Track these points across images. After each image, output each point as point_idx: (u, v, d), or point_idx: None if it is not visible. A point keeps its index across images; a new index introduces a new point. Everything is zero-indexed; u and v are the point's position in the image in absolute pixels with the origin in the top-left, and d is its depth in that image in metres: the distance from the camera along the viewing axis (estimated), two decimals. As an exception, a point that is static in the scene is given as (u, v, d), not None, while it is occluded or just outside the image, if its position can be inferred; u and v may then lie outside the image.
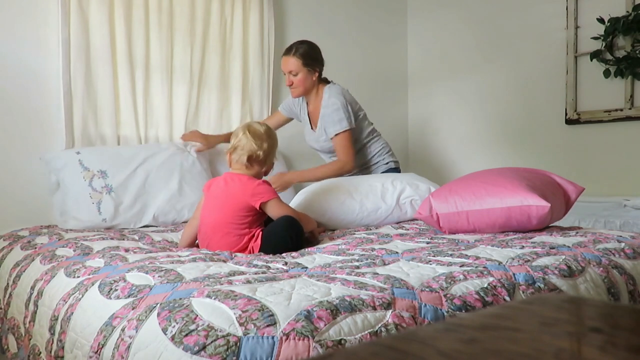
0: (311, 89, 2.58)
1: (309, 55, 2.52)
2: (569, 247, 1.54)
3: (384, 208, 2.22)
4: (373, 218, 2.21)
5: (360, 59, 3.63)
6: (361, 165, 2.65)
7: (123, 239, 1.87)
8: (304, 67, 2.50)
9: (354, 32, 3.61)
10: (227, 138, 2.59)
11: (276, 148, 1.89)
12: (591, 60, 2.98)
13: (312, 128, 2.69)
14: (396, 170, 2.68)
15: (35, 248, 1.80)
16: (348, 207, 2.17)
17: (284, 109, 2.80)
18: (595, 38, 2.96)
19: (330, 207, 2.16)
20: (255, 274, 1.27)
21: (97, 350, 1.03)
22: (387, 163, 2.67)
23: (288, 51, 2.53)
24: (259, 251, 1.71)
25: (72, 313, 1.20)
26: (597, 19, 2.93)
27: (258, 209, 1.74)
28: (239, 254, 1.63)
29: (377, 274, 1.23)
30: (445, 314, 1.07)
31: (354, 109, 2.57)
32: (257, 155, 1.78)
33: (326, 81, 2.63)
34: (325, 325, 0.93)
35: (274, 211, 1.77)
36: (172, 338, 0.92)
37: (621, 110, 2.91)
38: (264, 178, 1.89)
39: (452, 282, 1.17)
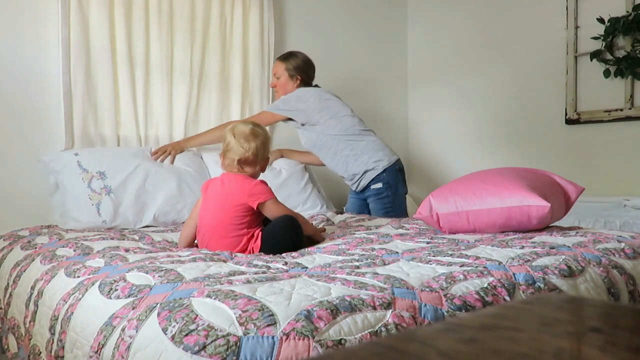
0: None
1: (294, 63, 2.68)
2: (569, 247, 1.54)
3: None
4: None
5: (360, 59, 3.63)
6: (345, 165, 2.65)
7: (123, 239, 1.87)
8: (286, 71, 2.68)
9: (354, 32, 3.61)
10: (200, 141, 2.62)
11: (268, 143, 1.85)
12: (591, 60, 2.98)
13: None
14: (392, 168, 2.63)
15: (36, 248, 1.80)
16: None
17: None
18: (595, 38, 2.96)
19: None
20: (255, 273, 1.27)
21: (97, 350, 1.03)
22: (376, 160, 2.60)
23: (280, 56, 2.74)
24: (259, 251, 1.71)
25: (72, 313, 1.20)
26: (597, 19, 2.93)
27: (256, 209, 1.74)
28: (239, 254, 1.63)
29: (377, 273, 1.23)
30: (445, 314, 1.07)
31: (298, 106, 2.61)
32: (246, 157, 1.78)
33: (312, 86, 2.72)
34: (325, 325, 0.93)
35: (271, 212, 1.76)
36: (172, 338, 0.92)
37: (621, 110, 2.91)
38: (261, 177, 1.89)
39: (452, 282, 1.17)
